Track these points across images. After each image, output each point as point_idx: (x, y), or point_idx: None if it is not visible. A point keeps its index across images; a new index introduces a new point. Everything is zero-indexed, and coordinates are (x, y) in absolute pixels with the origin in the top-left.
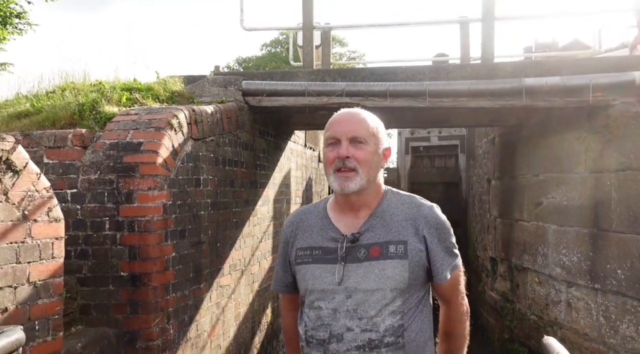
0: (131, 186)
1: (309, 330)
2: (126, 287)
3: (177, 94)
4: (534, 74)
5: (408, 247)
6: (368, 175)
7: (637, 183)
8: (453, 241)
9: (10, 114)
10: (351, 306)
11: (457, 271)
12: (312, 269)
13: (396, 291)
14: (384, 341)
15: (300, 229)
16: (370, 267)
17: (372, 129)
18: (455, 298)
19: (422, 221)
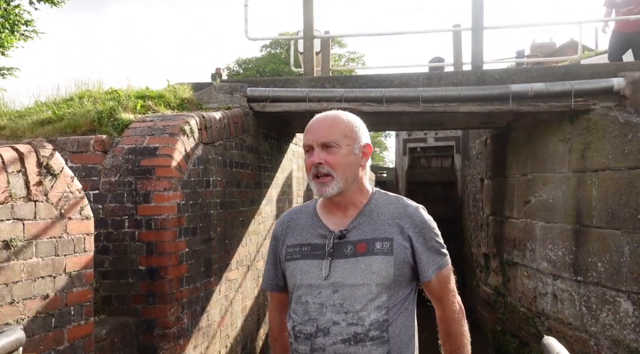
0: (148, 187)
1: (296, 325)
2: (144, 279)
3: (187, 100)
4: (520, 80)
5: (394, 244)
6: (344, 177)
7: (615, 182)
8: (439, 241)
9: (35, 121)
10: (337, 300)
11: (445, 270)
12: (301, 264)
13: (381, 287)
14: (369, 334)
15: (290, 228)
16: (356, 262)
17: (345, 131)
18: (446, 296)
19: (408, 220)
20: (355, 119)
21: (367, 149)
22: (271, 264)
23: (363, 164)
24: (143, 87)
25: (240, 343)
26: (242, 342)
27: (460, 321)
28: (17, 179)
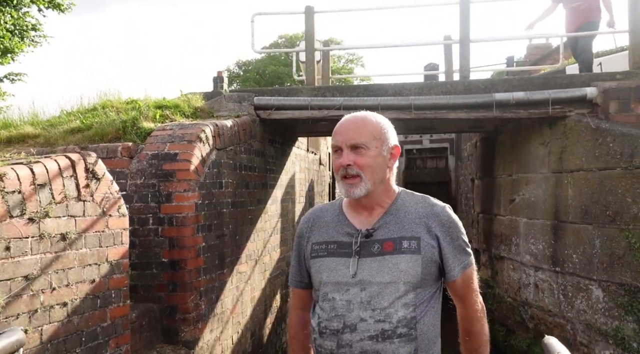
0: (170, 189)
1: (322, 321)
2: (167, 270)
3: (199, 109)
4: (503, 89)
5: (421, 243)
6: (373, 178)
7: (587, 182)
8: (465, 240)
9: (66, 130)
10: (365, 298)
11: (470, 269)
12: (327, 262)
13: (409, 285)
14: (397, 331)
15: (316, 225)
16: (384, 261)
17: (373, 132)
18: (469, 296)
19: (435, 219)
20: (384, 120)
21: (395, 151)
22: (295, 261)
23: (391, 165)
24: (160, 97)
25: (250, 330)
26: (252, 329)
27: (482, 320)
28: (70, 183)
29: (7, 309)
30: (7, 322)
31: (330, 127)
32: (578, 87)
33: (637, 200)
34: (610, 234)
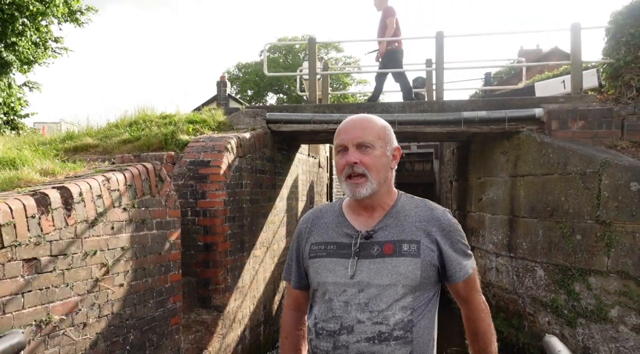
0: (204, 188)
1: (319, 322)
2: (202, 251)
3: (222, 123)
4: (470, 108)
5: (421, 246)
6: (378, 178)
7: (534, 184)
8: (465, 243)
9: (119, 141)
10: (362, 299)
11: (472, 271)
12: (326, 262)
13: (407, 288)
14: (394, 334)
15: (315, 226)
16: (383, 263)
17: (378, 133)
18: (473, 297)
19: (435, 223)
20: (386, 122)
21: (397, 152)
22: (293, 261)
23: (393, 166)
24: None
25: (262, 303)
26: (264, 303)
27: (487, 320)
28: (146, 184)
29: (113, 268)
30: (112, 277)
31: (329, 137)
32: (529, 108)
33: (569, 199)
34: (549, 225)
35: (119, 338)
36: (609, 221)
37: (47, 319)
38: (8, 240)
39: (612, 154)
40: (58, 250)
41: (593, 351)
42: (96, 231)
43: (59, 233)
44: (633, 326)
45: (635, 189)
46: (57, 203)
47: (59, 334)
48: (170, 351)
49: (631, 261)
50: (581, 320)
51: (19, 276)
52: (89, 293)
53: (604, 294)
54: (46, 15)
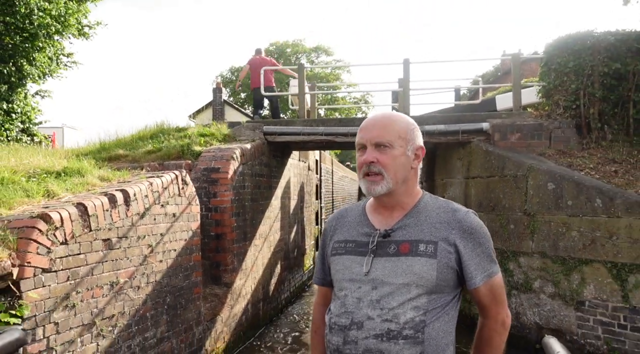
0: (215, 190)
1: (333, 317)
2: (214, 240)
3: (227, 135)
4: (431, 123)
5: (438, 248)
6: (395, 177)
7: (481, 185)
8: (490, 247)
9: (144, 151)
10: (375, 296)
11: (496, 279)
12: (344, 260)
13: (422, 289)
14: (403, 333)
15: (339, 225)
16: (398, 262)
17: (399, 132)
18: (494, 305)
19: (456, 225)
20: (410, 120)
21: (419, 152)
22: (320, 259)
23: (415, 166)
24: (203, 128)
25: (261, 284)
26: (262, 283)
27: (502, 335)
28: (175, 186)
29: (156, 248)
30: (155, 255)
31: (316, 146)
32: (478, 122)
33: (505, 196)
34: (492, 217)
35: (160, 299)
36: (533, 213)
37: (116, 281)
38: (94, 226)
39: (537, 160)
40: (122, 234)
41: (522, 315)
42: (144, 221)
43: (122, 222)
44: (549, 294)
45: (551, 188)
46: (120, 201)
47: (123, 292)
48: (194, 312)
49: (548, 243)
50: (514, 292)
51: (100, 250)
52: (141, 265)
53: (529, 270)
54: (62, 34)
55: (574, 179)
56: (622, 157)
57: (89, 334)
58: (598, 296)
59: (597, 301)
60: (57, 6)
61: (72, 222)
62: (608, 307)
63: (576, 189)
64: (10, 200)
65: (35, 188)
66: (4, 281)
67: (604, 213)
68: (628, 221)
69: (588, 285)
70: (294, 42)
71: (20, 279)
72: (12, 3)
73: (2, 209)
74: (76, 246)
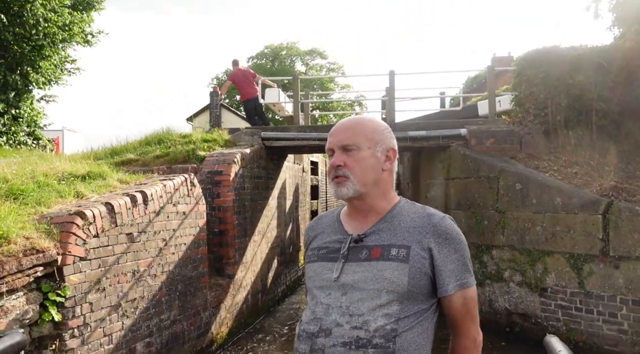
0: (218, 190)
1: (302, 324)
2: (218, 236)
3: (228, 141)
4: (414, 129)
5: (411, 252)
6: (363, 179)
7: (459, 185)
8: (466, 256)
9: (153, 156)
10: (345, 302)
11: (470, 290)
12: (316, 266)
13: (393, 295)
14: (373, 341)
15: (315, 232)
16: (369, 267)
17: (366, 133)
18: (467, 321)
19: (431, 229)
20: (379, 123)
21: (391, 153)
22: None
23: (386, 168)
24: (206, 134)
25: (260, 276)
26: (261, 276)
27: (475, 353)
28: (184, 188)
29: (169, 242)
30: (169, 248)
31: (310, 150)
32: (457, 128)
33: (480, 196)
34: (469, 215)
35: (173, 287)
36: (503, 211)
37: (137, 269)
38: (119, 222)
39: (508, 163)
40: (141, 229)
41: (494, 302)
42: (159, 218)
43: (141, 219)
44: (517, 283)
45: (519, 188)
46: (140, 200)
47: (142, 279)
48: (201, 299)
49: (516, 237)
50: (488, 281)
51: (124, 243)
52: (157, 256)
53: (501, 262)
54: (68, 42)
55: (538, 180)
56: (584, 160)
57: (116, 314)
58: (558, 283)
59: (557, 287)
60: (62, 16)
61: (102, 219)
62: (567, 292)
63: (540, 189)
64: (47, 200)
65: (67, 190)
66: (51, 267)
67: (563, 210)
68: (583, 217)
69: (550, 274)
70: (288, 45)
71: (63, 265)
72: (21, 14)
73: (42, 208)
74: (105, 239)
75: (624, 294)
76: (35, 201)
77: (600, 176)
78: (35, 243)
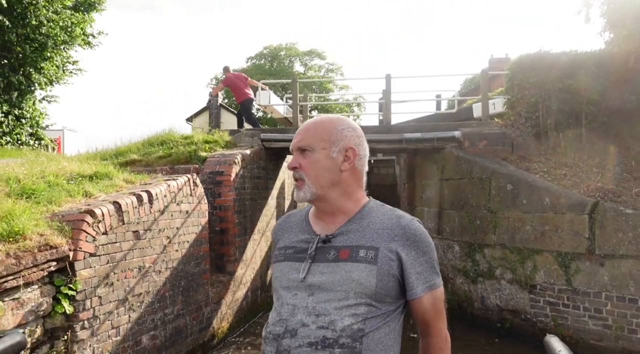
0: (220, 190)
1: (268, 326)
2: (219, 234)
3: (229, 142)
4: (409, 131)
5: (379, 254)
6: (317, 182)
7: (453, 186)
8: (433, 257)
9: (156, 157)
10: (311, 303)
11: (438, 291)
12: (282, 266)
13: (361, 296)
14: (340, 341)
15: (283, 231)
16: (337, 267)
17: (322, 134)
18: (436, 322)
19: (399, 231)
20: (341, 122)
21: (350, 153)
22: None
23: (345, 168)
24: (207, 136)
25: (259, 274)
26: (260, 273)
27: (447, 351)
28: (187, 188)
29: (173, 240)
30: (172, 245)
31: None
32: (451, 131)
33: (473, 196)
34: (462, 215)
35: (176, 282)
36: (495, 211)
37: (143, 265)
38: (126, 220)
39: (500, 165)
40: (147, 227)
41: (486, 299)
42: (164, 216)
43: (147, 217)
44: (508, 280)
45: (509, 189)
46: (146, 200)
47: (148, 275)
48: (203, 295)
49: (507, 236)
50: (480, 279)
51: (131, 240)
52: (161, 253)
53: (492, 260)
54: (69, 44)
55: (528, 181)
56: (573, 162)
57: (123, 307)
58: (547, 280)
59: (546, 284)
60: (64, 17)
61: (110, 217)
62: (555, 289)
63: (530, 189)
64: (58, 199)
65: (76, 189)
66: (63, 262)
67: (551, 210)
68: (570, 217)
69: (539, 271)
70: (287, 45)
71: (75, 260)
72: (25, 15)
73: (53, 206)
74: (113, 236)
75: (608, 290)
76: (46, 200)
77: (588, 178)
78: (49, 240)
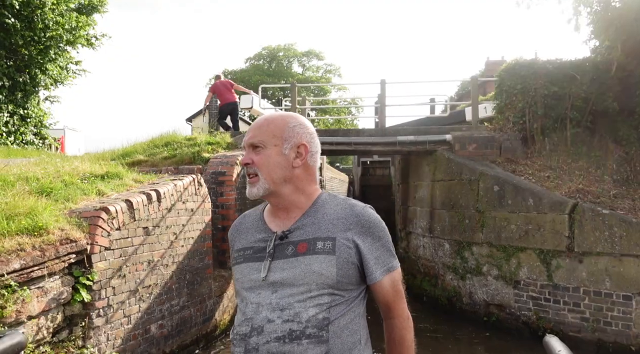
0: (222, 190)
1: (235, 328)
2: (221, 231)
3: (230, 143)
4: (403, 133)
5: (337, 243)
6: (271, 178)
7: (444, 187)
8: (388, 241)
9: (161, 157)
10: (275, 299)
11: (396, 273)
12: (242, 268)
13: (323, 287)
14: (306, 332)
15: (239, 232)
16: (296, 262)
17: (273, 131)
18: (397, 302)
19: (354, 220)
20: (291, 119)
21: (302, 149)
22: None
23: (297, 165)
24: (210, 137)
25: None
26: None
27: (411, 331)
28: (192, 187)
29: (179, 236)
30: (179, 241)
31: None
32: (442, 134)
33: (462, 196)
34: (452, 214)
35: (182, 276)
36: (483, 210)
37: (152, 259)
38: (137, 217)
39: (488, 167)
40: (155, 223)
41: (474, 294)
42: (171, 214)
43: (156, 214)
44: (494, 276)
45: (496, 190)
46: (155, 198)
47: (156, 268)
48: (206, 288)
49: (493, 235)
50: (468, 275)
51: (141, 236)
52: (169, 248)
53: (480, 257)
54: (73, 44)
55: (513, 183)
56: (557, 164)
57: (134, 298)
58: (530, 276)
59: (529, 280)
60: (69, 19)
61: (123, 214)
62: (537, 285)
63: (515, 190)
64: (74, 197)
65: (89, 188)
66: (81, 254)
67: (534, 210)
68: (552, 217)
69: (523, 268)
70: (285, 46)
71: (92, 254)
72: (31, 18)
73: (70, 204)
74: (125, 232)
75: (586, 285)
76: (63, 198)
77: (570, 180)
78: (69, 234)
